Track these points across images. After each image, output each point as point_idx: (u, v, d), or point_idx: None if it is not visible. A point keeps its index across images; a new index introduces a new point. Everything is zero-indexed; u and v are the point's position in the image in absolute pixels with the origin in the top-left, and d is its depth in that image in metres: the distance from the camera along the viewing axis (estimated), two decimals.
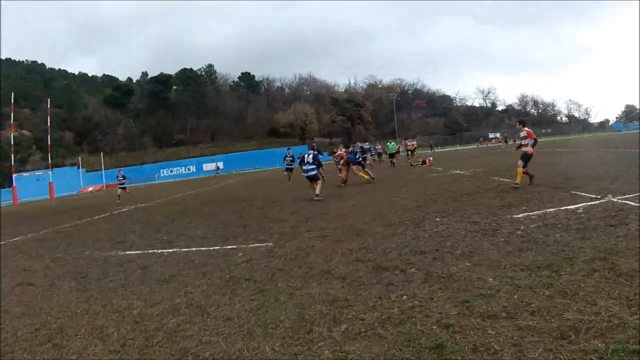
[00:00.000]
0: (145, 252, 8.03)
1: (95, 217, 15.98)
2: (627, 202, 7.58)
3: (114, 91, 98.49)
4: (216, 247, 7.64)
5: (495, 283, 4.28)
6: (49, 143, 47.05)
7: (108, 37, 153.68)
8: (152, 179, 68.50)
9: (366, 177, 17.92)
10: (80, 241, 10.20)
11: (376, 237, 7.03)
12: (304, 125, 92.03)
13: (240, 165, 74.00)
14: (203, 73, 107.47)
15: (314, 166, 13.81)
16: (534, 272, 4.46)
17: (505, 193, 10.32)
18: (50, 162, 48.15)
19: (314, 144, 15.27)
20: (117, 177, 24.80)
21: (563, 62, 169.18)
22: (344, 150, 19.11)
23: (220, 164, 66.11)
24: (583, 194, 8.90)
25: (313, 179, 13.83)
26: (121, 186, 24.32)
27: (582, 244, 5.26)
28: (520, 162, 11.08)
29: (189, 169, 73.56)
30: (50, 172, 47.67)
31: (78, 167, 67.98)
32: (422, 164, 25.83)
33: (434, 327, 3.43)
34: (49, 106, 49.98)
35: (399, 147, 35.29)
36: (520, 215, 7.57)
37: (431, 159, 27.72)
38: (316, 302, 4.28)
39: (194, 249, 7.76)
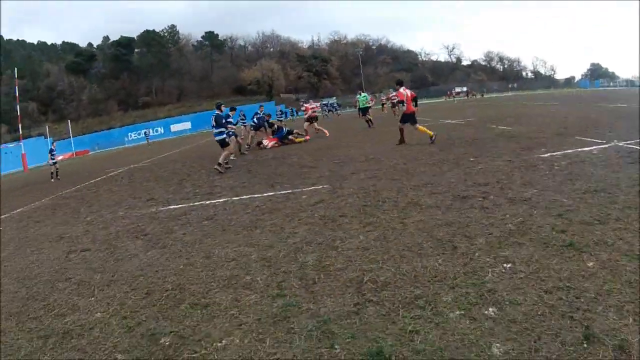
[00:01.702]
0: (190, 204, 8.00)
1: (92, 181, 15.66)
2: (632, 146, 8.50)
3: (75, 57, 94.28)
4: (269, 193, 7.95)
5: (570, 202, 5.12)
6: (18, 114, 45.12)
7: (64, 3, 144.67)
8: (122, 143, 66.26)
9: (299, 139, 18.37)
10: (100, 203, 10.04)
11: (428, 175, 7.76)
12: (271, 81, 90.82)
13: (206, 125, 73.14)
14: (166, 34, 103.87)
15: (220, 129, 12.20)
16: (595, 195, 5.29)
17: (515, 137, 11.29)
18: (21, 133, 46.51)
19: (220, 103, 13.18)
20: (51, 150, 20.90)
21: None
22: (310, 104, 20.21)
23: (150, 131, 64.87)
24: (587, 139, 9.83)
25: (222, 145, 12.35)
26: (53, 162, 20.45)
27: (617, 175, 6.15)
28: (403, 124, 12.61)
29: (157, 131, 71.80)
30: (21, 143, 46.11)
31: (45, 137, 65.79)
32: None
33: (554, 233, 4.21)
34: (15, 76, 47.78)
35: (373, 100, 33.35)
36: (546, 155, 8.45)
37: None
38: (434, 226, 4.77)
39: (244, 197, 7.95)
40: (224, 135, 12.06)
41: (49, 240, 7.01)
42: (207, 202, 8.03)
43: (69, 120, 68.16)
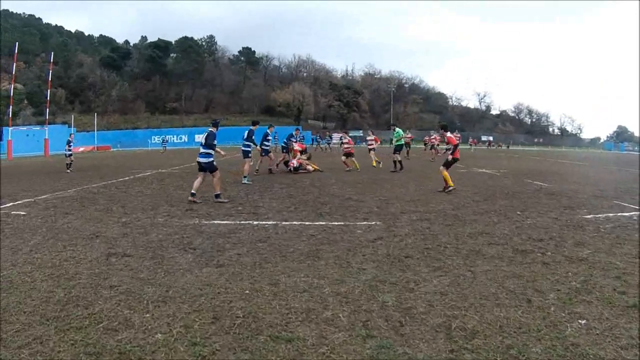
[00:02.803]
0: (237, 222, 8.03)
1: (121, 179, 15.86)
2: None
3: (111, 52, 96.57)
4: (320, 223, 8.03)
5: (624, 265, 5.53)
6: (47, 98, 46.42)
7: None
8: (144, 145, 67.18)
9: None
10: (133, 205, 10.02)
11: (481, 224, 8.08)
12: (301, 106, 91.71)
13: (233, 139, 73.60)
14: (203, 43, 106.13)
15: (207, 151, 10.69)
16: None
17: (554, 195, 11.68)
18: (47, 118, 47.46)
19: (217, 120, 11.92)
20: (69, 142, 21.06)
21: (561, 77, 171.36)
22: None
23: (168, 138, 65.18)
24: (625, 204, 10.27)
25: (209, 170, 10.76)
26: (69, 153, 20.67)
27: None
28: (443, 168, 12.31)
29: (181, 139, 71.95)
30: (46, 128, 47.02)
31: (69, 126, 67.13)
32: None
33: (616, 294, 4.56)
34: (51, 60, 49.25)
35: (411, 138, 30.45)
36: (589, 216, 8.86)
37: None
38: (504, 277, 5.05)
39: (295, 222, 8.04)
40: (211, 159, 10.63)
41: (83, 236, 6.89)
42: (255, 222, 8.04)
43: (95, 114, 69.43)
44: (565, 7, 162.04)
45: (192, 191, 10.50)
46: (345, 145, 20.25)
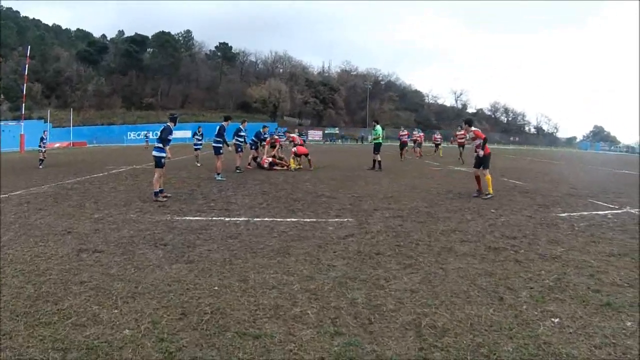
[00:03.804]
0: (208, 218, 7.92)
1: (95, 176, 15.62)
2: None
3: (88, 46, 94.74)
4: (292, 219, 7.95)
5: (598, 264, 5.49)
6: (24, 93, 45.15)
7: None
8: (120, 141, 66.44)
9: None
10: (107, 201, 9.88)
11: (454, 222, 8.00)
12: (277, 102, 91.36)
13: (209, 135, 73.02)
14: (180, 38, 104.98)
15: (160, 145, 10.45)
16: (620, 259, 5.70)
17: (529, 193, 11.71)
18: (23, 113, 46.37)
19: (175, 115, 11.27)
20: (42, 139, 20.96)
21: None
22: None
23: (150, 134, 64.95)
24: (600, 202, 10.36)
25: (156, 164, 10.43)
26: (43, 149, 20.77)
27: (636, 241, 6.61)
28: (482, 170, 10.94)
29: (156, 135, 71.16)
30: (22, 123, 45.94)
31: (45, 122, 65.71)
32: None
33: (590, 293, 4.50)
34: (28, 54, 48.06)
35: (407, 135, 27.30)
36: (564, 214, 8.86)
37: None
38: (475, 275, 5.00)
39: (266, 219, 7.95)
40: (163, 154, 10.29)
41: (54, 232, 6.82)
42: (227, 218, 7.95)
43: (71, 109, 68.01)
44: (543, 11, 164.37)
45: (155, 190, 10.18)
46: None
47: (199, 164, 19.51)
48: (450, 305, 4.13)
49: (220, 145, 14.60)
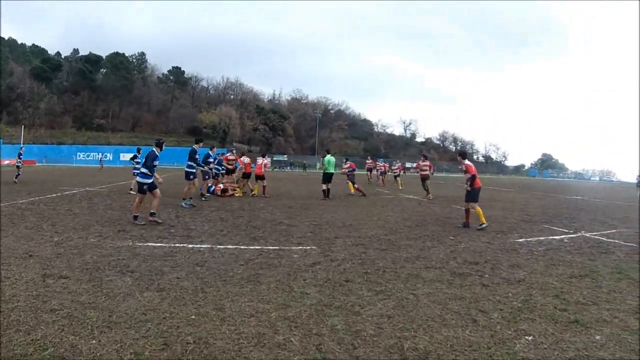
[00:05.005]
0: (171, 245, 7.76)
1: (49, 196, 15.26)
2: (598, 237, 9.81)
3: (42, 63, 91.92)
4: (255, 247, 7.83)
5: (561, 285, 5.88)
6: None
7: (41, 6, 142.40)
8: (70, 161, 64.87)
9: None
10: (64, 224, 9.57)
11: (415, 249, 8.15)
12: (227, 128, 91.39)
13: (158, 160, 71.78)
14: (134, 60, 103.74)
15: (146, 171, 10.28)
16: (581, 280, 6.15)
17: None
18: None
19: (161, 140, 11.02)
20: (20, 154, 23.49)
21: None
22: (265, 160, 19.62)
23: (104, 156, 63.21)
24: (555, 228, 11.07)
25: (149, 189, 10.38)
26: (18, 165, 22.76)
27: (594, 263, 7.20)
28: (471, 203, 10.99)
29: (106, 156, 70.33)
30: None
31: None
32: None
33: (557, 312, 4.74)
34: None
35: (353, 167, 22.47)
36: (521, 240, 9.34)
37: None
38: (446, 299, 5.11)
39: (230, 246, 7.78)
40: (148, 180, 10.15)
41: (15, 255, 6.57)
42: (189, 245, 7.82)
43: (22, 126, 66.01)
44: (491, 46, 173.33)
45: (135, 214, 10.09)
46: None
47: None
48: (427, 328, 4.20)
49: (192, 170, 13.72)
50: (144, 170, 10.21)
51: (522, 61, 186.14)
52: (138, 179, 10.32)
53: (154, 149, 10.40)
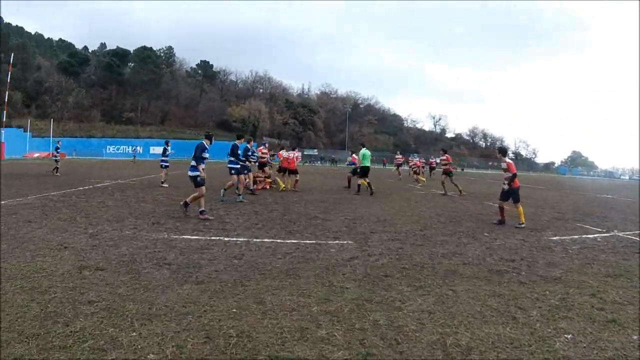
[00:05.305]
0: (207, 238, 7.79)
1: (81, 189, 15.49)
2: (630, 236, 9.72)
3: (69, 57, 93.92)
4: (292, 240, 7.90)
5: (597, 284, 5.92)
6: (5, 101, 44.48)
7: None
8: (99, 154, 66.41)
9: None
10: (98, 216, 9.69)
11: (452, 245, 8.25)
12: (257, 122, 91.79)
13: (187, 154, 72.70)
14: (162, 54, 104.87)
15: (194, 164, 10.35)
16: (617, 279, 6.17)
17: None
18: (4, 120, 45.59)
19: (210, 133, 11.23)
20: (57, 148, 24.70)
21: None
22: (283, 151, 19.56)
23: (138, 149, 63.35)
24: (588, 227, 10.98)
25: (195, 184, 10.52)
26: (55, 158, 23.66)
27: (629, 263, 7.19)
28: (511, 201, 10.84)
29: (135, 150, 71.46)
30: (2, 131, 45.13)
31: (25, 130, 64.69)
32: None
33: (595, 310, 4.83)
34: (10, 62, 47.52)
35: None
36: (555, 237, 9.33)
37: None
38: (485, 296, 5.20)
39: (266, 240, 7.87)
40: (197, 172, 10.26)
41: (50, 247, 6.59)
42: (225, 238, 7.84)
43: (51, 119, 67.21)
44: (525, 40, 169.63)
45: (201, 209, 10.26)
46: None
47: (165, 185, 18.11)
48: (468, 325, 4.31)
49: (234, 165, 13.64)
50: (193, 163, 10.26)
51: (552, 56, 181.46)
52: (189, 172, 10.36)
53: (203, 141, 10.47)
